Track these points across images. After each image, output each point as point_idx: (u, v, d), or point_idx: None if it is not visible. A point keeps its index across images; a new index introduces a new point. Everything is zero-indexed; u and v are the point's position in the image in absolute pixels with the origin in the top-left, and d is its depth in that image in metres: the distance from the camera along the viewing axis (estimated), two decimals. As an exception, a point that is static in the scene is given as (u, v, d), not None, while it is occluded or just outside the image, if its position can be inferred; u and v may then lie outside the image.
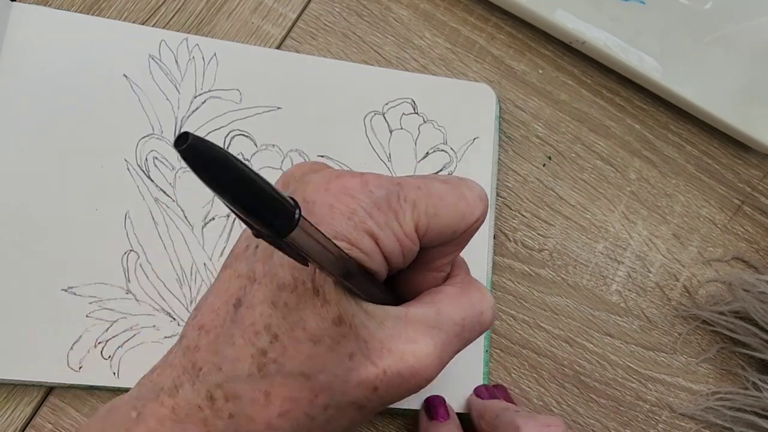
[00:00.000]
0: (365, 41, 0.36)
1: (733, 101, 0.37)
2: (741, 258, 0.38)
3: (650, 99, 0.39)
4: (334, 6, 0.36)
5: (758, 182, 0.40)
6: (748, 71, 0.38)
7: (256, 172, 0.14)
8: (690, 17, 0.37)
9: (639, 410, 0.35)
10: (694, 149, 0.39)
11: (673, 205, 0.38)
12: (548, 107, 0.38)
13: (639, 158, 0.38)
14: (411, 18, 0.37)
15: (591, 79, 0.38)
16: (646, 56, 0.36)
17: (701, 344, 0.37)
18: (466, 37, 0.37)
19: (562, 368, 0.34)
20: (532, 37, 0.38)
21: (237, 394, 0.21)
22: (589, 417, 0.34)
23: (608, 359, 0.35)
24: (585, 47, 0.36)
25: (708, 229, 0.38)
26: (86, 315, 0.29)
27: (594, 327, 0.35)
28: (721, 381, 0.36)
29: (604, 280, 0.36)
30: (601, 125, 0.38)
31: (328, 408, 0.22)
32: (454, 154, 0.34)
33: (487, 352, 0.32)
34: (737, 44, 0.38)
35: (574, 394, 0.34)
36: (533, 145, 0.37)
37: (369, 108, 0.34)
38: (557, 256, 0.36)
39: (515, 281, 0.35)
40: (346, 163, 0.33)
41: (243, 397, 0.21)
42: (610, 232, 0.37)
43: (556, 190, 0.37)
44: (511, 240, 0.35)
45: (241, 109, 0.32)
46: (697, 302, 0.37)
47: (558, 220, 0.36)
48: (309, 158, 0.33)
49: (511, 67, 0.38)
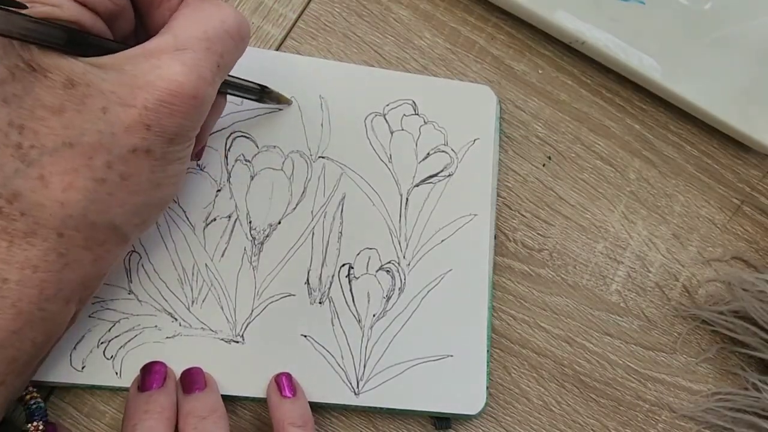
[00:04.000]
0: (365, 41, 0.36)
1: (732, 101, 0.37)
2: (740, 258, 0.38)
3: (650, 99, 0.39)
4: (334, 6, 0.36)
5: (758, 182, 0.40)
6: (748, 71, 0.38)
7: None
8: (690, 17, 0.37)
9: (639, 410, 0.35)
10: (693, 149, 0.39)
11: (673, 205, 0.38)
12: (548, 107, 0.38)
13: (639, 158, 0.38)
14: (411, 18, 0.37)
15: (591, 79, 0.38)
16: (645, 56, 0.36)
17: (701, 344, 0.37)
18: (466, 37, 0.37)
19: (562, 368, 0.35)
20: (532, 37, 0.38)
21: (16, 192, 0.21)
22: (589, 417, 0.34)
23: (608, 359, 0.35)
24: (585, 47, 0.36)
25: (707, 229, 0.38)
26: (89, 315, 0.29)
27: (594, 327, 0.36)
28: (721, 381, 0.37)
29: (604, 279, 0.36)
30: (600, 125, 0.38)
31: (112, 165, 0.22)
32: (454, 154, 0.34)
33: (487, 352, 0.32)
34: (737, 44, 0.38)
35: (573, 394, 0.34)
36: (533, 145, 0.37)
37: (370, 109, 0.34)
38: (557, 256, 0.36)
39: (515, 281, 0.35)
40: (347, 165, 0.33)
41: (22, 191, 0.21)
42: (610, 232, 0.37)
43: (556, 190, 0.37)
44: (511, 240, 0.36)
45: (242, 111, 0.32)
46: (697, 302, 0.37)
47: (558, 220, 0.36)
48: (310, 159, 0.33)
49: (511, 67, 0.38)
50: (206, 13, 0.24)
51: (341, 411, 0.32)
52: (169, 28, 0.23)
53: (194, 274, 0.30)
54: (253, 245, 0.31)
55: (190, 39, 0.23)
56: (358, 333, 0.31)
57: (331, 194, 0.33)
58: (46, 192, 0.21)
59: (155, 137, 0.22)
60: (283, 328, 0.31)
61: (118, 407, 0.30)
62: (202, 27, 0.24)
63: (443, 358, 0.32)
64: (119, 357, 0.29)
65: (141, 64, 0.22)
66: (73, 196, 0.22)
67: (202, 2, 0.25)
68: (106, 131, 0.22)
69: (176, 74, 0.22)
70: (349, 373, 0.31)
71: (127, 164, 0.22)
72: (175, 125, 0.23)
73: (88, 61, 0.22)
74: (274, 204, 0.32)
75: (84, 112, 0.21)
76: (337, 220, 0.32)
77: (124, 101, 0.22)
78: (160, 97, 0.22)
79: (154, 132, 0.22)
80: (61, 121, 0.21)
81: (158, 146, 0.23)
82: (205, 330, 0.30)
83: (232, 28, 0.24)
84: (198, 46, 0.23)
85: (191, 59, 0.23)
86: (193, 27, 0.23)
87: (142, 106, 0.22)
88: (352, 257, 0.32)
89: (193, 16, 0.24)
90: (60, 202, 0.22)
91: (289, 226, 0.32)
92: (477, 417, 0.32)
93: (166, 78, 0.22)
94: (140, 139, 0.22)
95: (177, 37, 0.23)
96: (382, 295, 0.32)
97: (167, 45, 0.23)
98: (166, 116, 0.22)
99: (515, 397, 0.34)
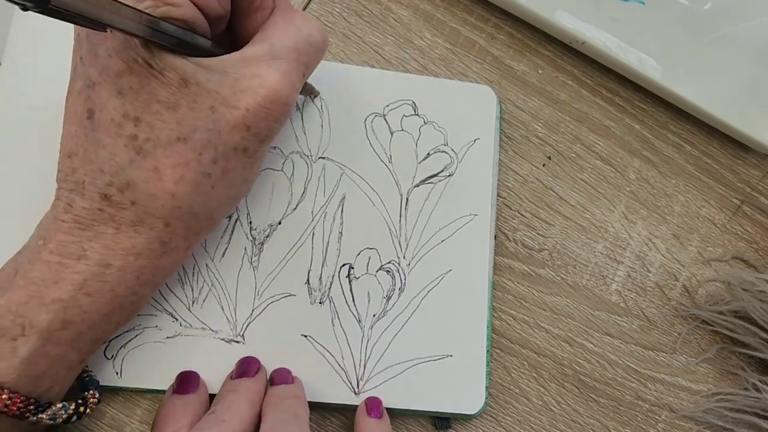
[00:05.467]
0: (365, 41, 0.36)
1: (732, 101, 0.37)
2: (740, 257, 0.38)
3: (650, 99, 0.39)
4: (334, 6, 0.36)
5: (758, 182, 0.40)
6: (748, 71, 0.38)
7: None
8: (690, 17, 0.37)
9: (639, 410, 0.35)
10: (693, 149, 0.39)
11: (673, 205, 0.38)
12: (548, 107, 0.38)
13: (639, 158, 0.38)
14: (411, 18, 0.37)
15: (591, 79, 0.38)
16: (645, 56, 0.36)
17: (701, 344, 0.37)
18: (466, 37, 0.37)
19: (562, 368, 0.35)
20: (532, 37, 0.38)
21: (129, 182, 0.23)
22: (589, 417, 0.34)
23: (608, 359, 0.35)
24: (585, 47, 0.36)
25: (707, 229, 0.38)
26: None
27: (594, 327, 0.36)
28: (721, 381, 0.37)
29: (604, 279, 0.36)
30: (600, 125, 0.38)
31: (217, 161, 0.24)
32: (454, 155, 0.34)
33: (488, 353, 0.32)
34: (737, 44, 0.38)
35: (573, 394, 0.35)
36: (533, 145, 0.37)
37: (370, 110, 0.34)
38: (557, 256, 0.36)
39: (515, 281, 0.35)
40: (347, 165, 0.33)
41: (136, 181, 0.23)
42: (610, 232, 0.37)
43: (556, 190, 0.37)
44: (511, 240, 0.36)
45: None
46: (697, 302, 0.37)
47: (558, 220, 0.36)
48: (310, 159, 0.33)
49: (511, 67, 0.38)
50: (296, 26, 0.26)
51: (341, 411, 0.32)
52: (265, 37, 0.25)
53: (195, 275, 0.30)
54: (254, 245, 0.31)
55: (283, 49, 0.25)
56: (358, 333, 0.31)
57: (331, 194, 0.33)
58: (159, 184, 0.23)
59: (252, 137, 0.24)
60: (284, 328, 0.31)
61: (118, 407, 0.30)
62: (293, 38, 0.25)
63: (443, 358, 0.32)
64: (120, 357, 0.29)
65: (242, 69, 0.24)
66: (183, 188, 0.23)
67: (292, 14, 0.26)
68: (213, 129, 0.23)
69: (274, 83, 0.24)
70: (349, 373, 0.31)
71: (228, 160, 0.24)
72: (269, 127, 0.25)
73: (196, 62, 0.23)
74: (275, 204, 0.32)
75: (196, 110, 0.23)
76: (338, 220, 0.32)
77: (228, 102, 0.23)
78: (261, 102, 0.24)
79: (252, 132, 0.24)
80: (175, 116, 0.22)
81: (253, 145, 0.24)
82: (205, 330, 0.30)
83: (317, 41, 0.27)
84: (290, 56, 0.25)
85: (285, 69, 0.25)
86: (285, 38, 0.25)
87: (245, 109, 0.23)
88: (353, 257, 0.32)
89: (285, 27, 0.26)
90: (171, 194, 0.23)
91: (290, 226, 0.32)
92: (477, 417, 0.32)
93: (266, 85, 0.24)
94: (241, 138, 0.24)
95: (273, 47, 0.25)
96: (382, 295, 0.32)
97: (264, 53, 0.25)
98: (263, 119, 0.24)
99: (515, 396, 0.34)
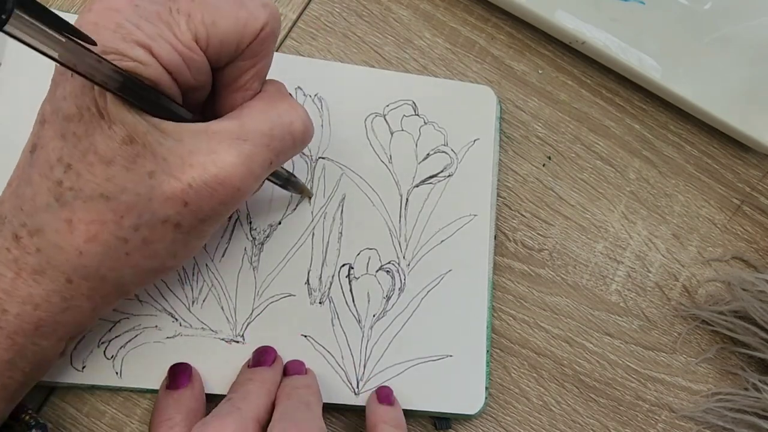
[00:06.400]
0: (365, 41, 0.36)
1: (732, 101, 0.37)
2: (740, 257, 0.38)
3: (650, 99, 0.39)
4: (334, 6, 0.36)
5: (757, 182, 0.40)
6: (748, 71, 0.38)
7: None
8: (690, 17, 0.38)
9: (638, 410, 0.35)
10: (693, 149, 0.39)
11: (673, 205, 0.38)
12: (548, 107, 0.38)
13: (638, 158, 0.38)
14: (411, 18, 0.37)
15: (591, 79, 0.38)
16: (645, 56, 0.36)
17: (701, 344, 0.37)
18: (466, 37, 0.37)
19: (562, 368, 0.35)
20: (532, 37, 0.38)
21: (40, 228, 0.22)
22: (589, 417, 0.34)
23: (608, 359, 0.35)
24: (585, 47, 0.36)
25: (707, 229, 0.38)
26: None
27: (593, 327, 0.36)
28: (721, 381, 0.37)
29: (604, 279, 0.36)
30: (600, 125, 0.38)
31: (139, 228, 0.22)
32: (454, 155, 0.34)
33: (487, 353, 0.33)
34: (737, 44, 0.38)
35: (573, 394, 0.35)
36: (533, 145, 0.37)
37: (370, 110, 0.34)
38: (557, 256, 0.36)
39: (515, 281, 0.35)
40: (347, 165, 0.33)
41: (46, 228, 0.22)
42: (610, 232, 0.37)
43: (556, 190, 0.37)
44: (511, 240, 0.36)
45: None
46: (697, 302, 0.37)
47: (558, 220, 0.36)
48: (310, 159, 0.33)
49: (511, 67, 0.38)
50: (278, 112, 0.24)
51: (341, 411, 0.32)
52: (239, 115, 0.24)
53: (195, 275, 0.30)
54: (254, 245, 0.31)
55: (255, 132, 0.23)
56: (358, 333, 0.31)
57: (331, 195, 0.33)
58: (68, 237, 0.22)
59: (189, 214, 0.23)
60: (284, 328, 0.31)
61: (118, 407, 0.30)
62: (269, 123, 0.24)
63: (443, 358, 0.32)
64: (119, 357, 0.29)
65: (201, 142, 0.22)
66: (93, 247, 0.22)
67: (279, 101, 0.25)
68: (144, 195, 0.22)
69: (229, 164, 0.22)
70: (349, 373, 0.31)
71: (153, 231, 0.22)
72: (212, 209, 0.23)
73: (153, 122, 0.22)
74: (275, 204, 0.32)
75: (131, 171, 0.21)
76: (337, 220, 0.32)
77: (172, 172, 0.22)
78: (208, 181, 0.22)
79: (190, 209, 0.22)
80: (106, 172, 0.21)
81: (188, 222, 0.23)
82: (205, 330, 0.30)
83: (297, 131, 0.25)
84: (259, 141, 0.23)
85: (248, 152, 0.23)
86: (261, 121, 0.24)
87: (188, 184, 0.22)
88: (352, 257, 0.32)
89: (267, 111, 0.24)
90: (79, 251, 0.22)
91: (290, 226, 0.32)
92: (476, 417, 0.32)
93: (219, 165, 0.22)
94: (175, 212, 0.22)
95: (243, 127, 0.23)
96: (382, 296, 0.32)
97: (231, 131, 0.23)
98: (206, 199, 0.22)
99: (515, 397, 0.34)
